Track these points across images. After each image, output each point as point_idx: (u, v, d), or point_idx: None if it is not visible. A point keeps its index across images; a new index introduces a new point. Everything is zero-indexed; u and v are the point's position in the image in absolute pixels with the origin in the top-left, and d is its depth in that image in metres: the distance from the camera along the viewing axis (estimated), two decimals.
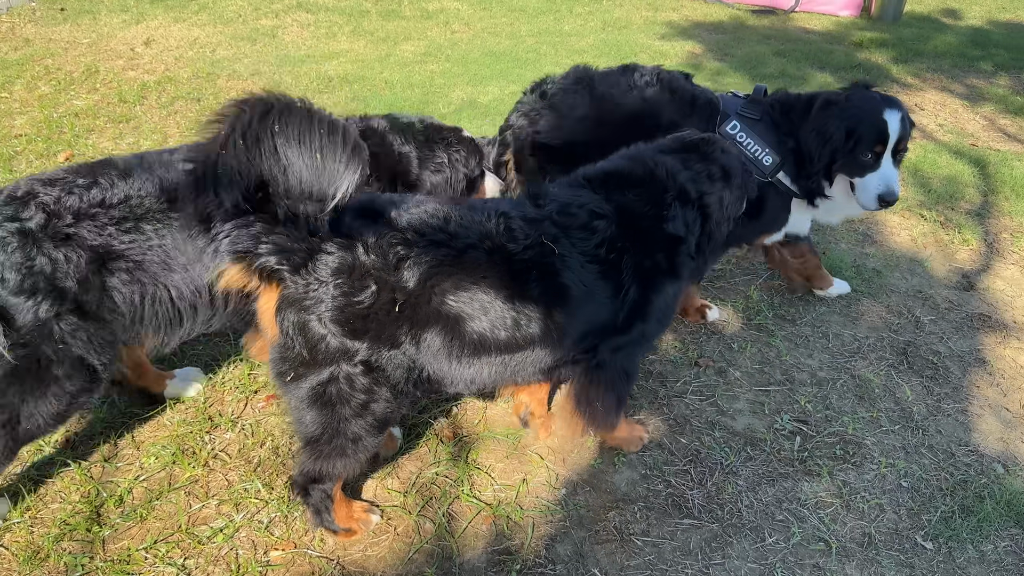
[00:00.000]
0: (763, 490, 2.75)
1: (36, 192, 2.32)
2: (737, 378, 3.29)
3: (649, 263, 2.42)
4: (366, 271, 2.05)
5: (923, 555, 2.54)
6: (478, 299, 2.15)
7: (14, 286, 2.21)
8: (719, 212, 2.60)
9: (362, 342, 2.09)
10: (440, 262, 2.11)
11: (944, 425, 3.10)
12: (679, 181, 2.51)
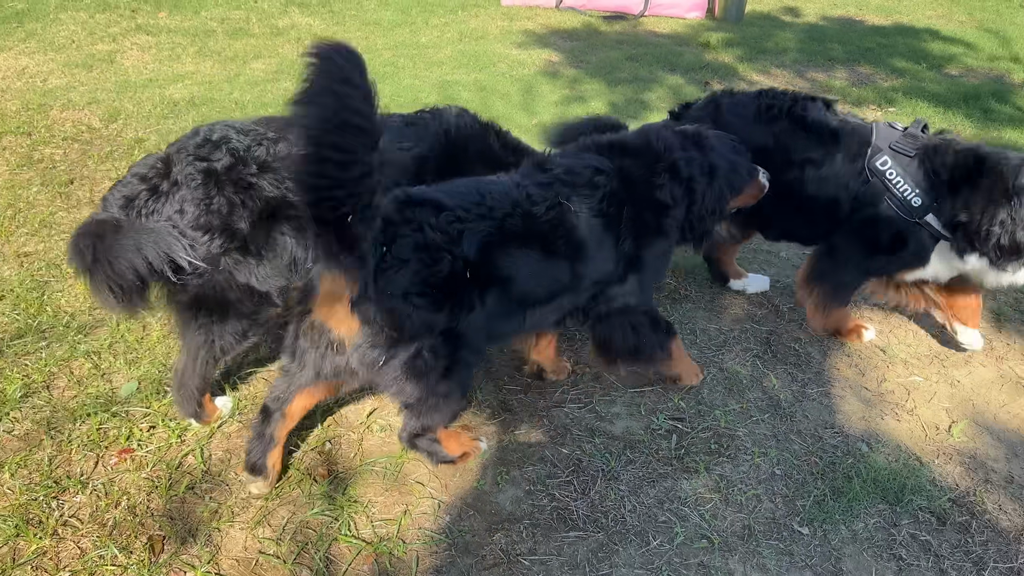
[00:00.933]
0: (645, 492, 2.76)
1: (229, 138, 2.62)
2: (613, 382, 3.31)
3: (641, 220, 2.78)
4: (438, 246, 2.32)
5: (800, 541, 2.61)
6: (521, 259, 2.52)
7: (191, 219, 2.51)
8: (702, 202, 2.90)
9: (443, 311, 2.36)
10: (489, 231, 2.43)
11: (810, 410, 3.21)
12: (674, 157, 2.84)
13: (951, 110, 6.69)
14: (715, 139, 2.98)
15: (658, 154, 2.83)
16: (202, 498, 2.66)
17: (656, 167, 2.81)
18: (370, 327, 2.29)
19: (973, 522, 2.71)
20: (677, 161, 2.83)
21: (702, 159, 2.89)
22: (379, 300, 2.24)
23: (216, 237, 2.54)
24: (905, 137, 3.21)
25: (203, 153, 2.57)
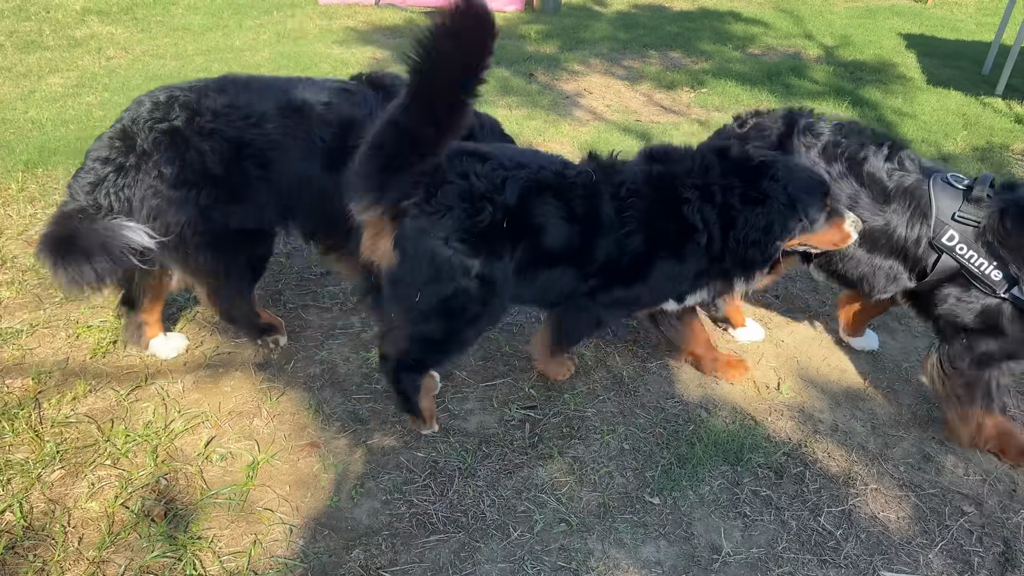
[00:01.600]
0: (503, 485, 2.77)
1: (176, 96, 2.81)
2: (464, 378, 3.29)
3: (657, 227, 2.73)
4: (482, 194, 2.48)
5: (653, 511, 2.70)
6: (550, 211, 2.60)
7: (172, 179, 2.73)
8: (741, 232, 2.72)
9: (479, 257, 2.51)
10: (527, 179, 2.57)
11: (651, 383, 3.33)
12: (709, 179, 2.73)
13: (756, 87, 7.15)
14: (783, 169, 2.74)
15: (691, 172, 2.74)
16: (25, 557, 2.41)
17: (686, 182, 2.73)
18: (408, 265, 2.51)
19: (807, 472, 2.91)
20: (711, 184, 2.71)
21: (749, 187, 2.70)
22: (418, 241, 2.47)
23: (201, 188, 2.78)
24: (972, 204, 2.81)
25: (159, 115, 2.75)
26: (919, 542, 2.65)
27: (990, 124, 6.55)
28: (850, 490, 2.82)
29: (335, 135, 3.05)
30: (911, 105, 6.86)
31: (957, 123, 6.50)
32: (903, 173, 2.94)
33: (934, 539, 2.66)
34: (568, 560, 2.51)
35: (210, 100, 2.84)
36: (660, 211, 2.72)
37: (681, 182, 2.73)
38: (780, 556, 2.56)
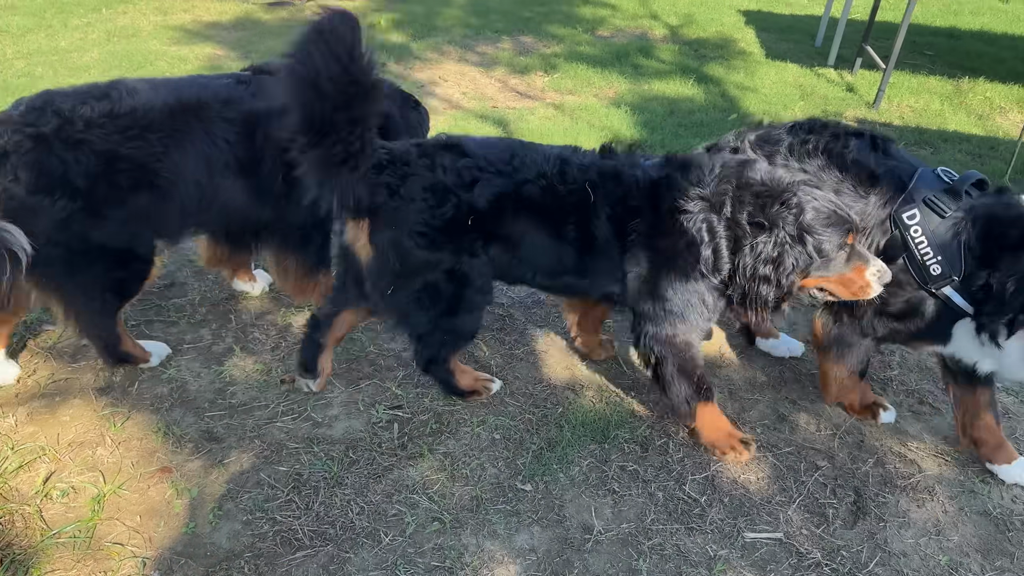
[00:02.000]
0: (372, 490, 2.69)
1: (54, 100, 2.68)
2: (328, 382, 3.18)
3: (653, 238, 2.61)
4: (446, 188, 2.51)
5: (525, 498, 2.70)
6: (529, 225, 2.62)
7: (27, 185, 2.59)
8: (749, 259, 2.51)
9: (445, 251, 2.57)
10: (503, 188, 2.55)
11: (519, 370, 3.33)
12: (720, 194, 2.53)
13: (607, 69, 7.28)
14: (805, 198, 2.46)
15: (700, 180, 2.57)
16: None
17: (690, 192, 2.56)
18: (381, 257, 2.59)
19: (670, 443, 2.98)
20: (725, 196, 2.51)
21: (758, 210, 2.47)
22: (386, 234, 2.56)
23: (58, 199, 2.63)
24: (947, 193, 2.67)
25: (31, 119, 2.63)
26: (778, 500, 2.76)
27: (824, 94, 6.94)
28: (712, 457, 2.91)
29: (239, 134, 2.94)
30: (752, 79, 7.17)
31: (795, 94, 6.85)
32: (893, 162, 2.83)
33: (792, 496, 2.78)
34: (443, 559, 2.46)
35: (87, 108, 2.69)
36: (663, 229, 2.59)
37: (689, 184, 2.58)
38: (649, 528, 2.61)
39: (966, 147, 5.97)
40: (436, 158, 2.58)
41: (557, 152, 2.69)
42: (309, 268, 3.43)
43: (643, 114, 6.20)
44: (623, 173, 2.64)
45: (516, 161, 2.62)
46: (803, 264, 2.47)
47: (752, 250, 2.47)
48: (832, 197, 2.55)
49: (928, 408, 3.27)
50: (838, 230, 2.46)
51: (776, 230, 2.44)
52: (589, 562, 2.49)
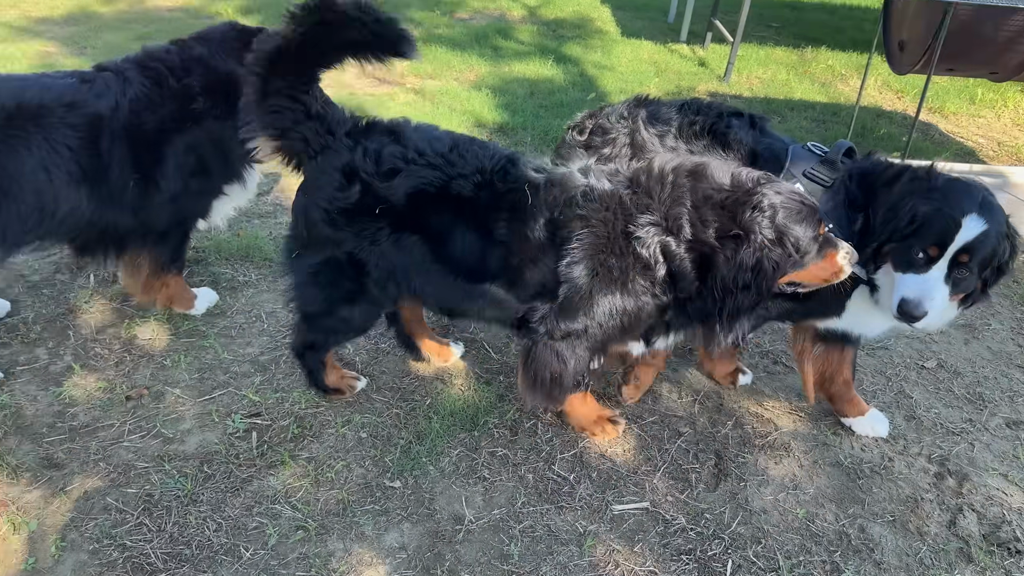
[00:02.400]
0: (230, 504, 2.56)
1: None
2: (178, 396, 3.01)
3: (604, 259, 2.36)
4: (356, 172, 2.44)
5: (394, 496, 2.64)
6: (453, 224, 2.45)
7: None
8: (727, 274, 2.29)
9: (347, 234, 2.50)
10: (430, 183, 2.43)
11: (386, 364, 3.25)
12: (675, 217, 2.30)
13: (466, 52, 7.22)
14: (774, 197, 2.30)
15: (651, 204, 2.34)
16: None
17: (641, 219, 2.33)
18: (294, 216, 2.62)
19: (538, 424, 2.98)
20: (681, 219, 2.30)
21: (729, 221, 2.28)
22: (301, 197, 2.57)
23: None
24: (823, 164, 2.73)
25: None
26: (644, 470, 2.81)
27: (678, 69, 7.12)
28: (579, 434, 2.93)
29: (83, 139, 2.78)
30: (609, 58, 7.28)
31: (650, 71, 7.01)
32: (769, 140, 2.91)
33: (657, 464, 2.84)
34: (308, 568, 2.38)
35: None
36: (607, 243, 2.37)
37: (637, 211, 2.35)
38: (520, 512, 2.61)
39: (811, 114, 6.27)
40: (364, 140, 2.49)
41: (508, 153, 2.56)
42: (161, 266, 3.26)
43: (504, 96, 6.19)
44: (568, 180, 2.44)
45: (454, 155, 2.48)
46: (784, 265, 2.33)
47: (728, 262, 2.28)
48: (793, 187, 2.42)
49: (782, 367, 3.41)
50: (810, 222, 2.33)
51: (752, 236, 2.26)
52: (461, 553, 2.46)
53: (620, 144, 3.01)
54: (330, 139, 2.48)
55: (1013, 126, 6.49)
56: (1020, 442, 3.08)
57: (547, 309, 2.48)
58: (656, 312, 2.46)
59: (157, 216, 3.09)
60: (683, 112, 3.00)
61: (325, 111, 2.50)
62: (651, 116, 3.01)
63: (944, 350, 3.60)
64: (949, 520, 2.70)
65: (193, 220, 3.28)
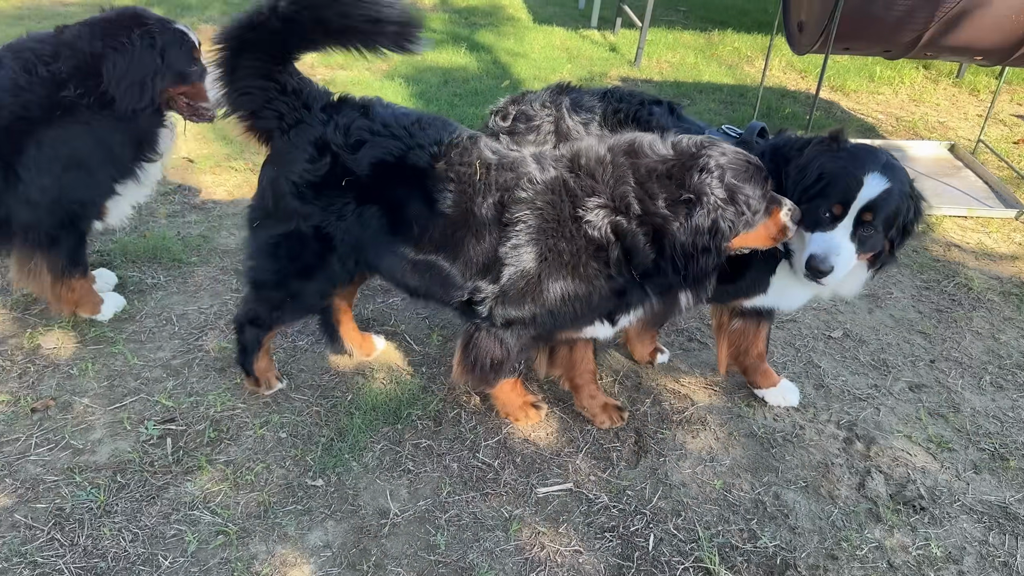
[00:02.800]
0: (146, 514, 2.49)
1: None
2: (87, 406, 2.90)
3: (553, 244, 2.39)
4: (327, 145, 2.45)
5: (316, 494, 2.61)
6: (409, 194, 2.46)
7: None
8: (685, 239, 2.30)
9: (314, 207, 2.50)
10: (390, 152, 2.45)
11: (304, 361, 3.21)
12: (622, 196, 2.33)
13: None
14: (720, 157, 2.31)
15: (595, 187, 2.36)
16: None
17: (588, 202, 2.35)
18: (260, 188, 2.62)
19: (462, 413, 2.99)
20: (628, 196, 2.31)
21: (675, 187, 2.30)
22: (268, 169, 2.59)
23: None
24: (739, 145, 2.66)
25: None
26: (567, 451, 2.85)
27: (590, 55, 7.19)
28: (503, 420, 2.95)
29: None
30: (522, 45, 7.30)
31: (563, 57, 7.05)
32: (687, 125, 2.96)
33: (579, 446, 2.88)
34: (231, 572, 2.33)
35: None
36: (556, 227, 2.39)
37: (583, 194, 2.37)
38: (446, 502, 2.61)
39: (719, 96, 6.42)
40: (336, 114, 2.50)
41: (471, 132, 2.58)
42: (61, 269, 3.11)
43: (418, 85, 6.14)
44: (521, 163, 2.47)
45: (416, 127, 2.51)
46: (737, 224, 2.34)
47: (684, 227, 2.29)
48: (735, 148, 2.42)
49: (696, 344, 3.50)
50: (758, 180, 2.36)
51: (704, 198, 2.27)
52: (387, 547, 2.45)
53: (545, 131, 3.04)
54: (305, 113, 2.49)
55: (910, 101, 6.79)
56: (922, 404, 3.24)
57: (491, 291, 2.49)
58: (611, 294, 2.46)
59: (29, 212, 2.93)
60: (606, 100, 3.06)
61: (301, 86, 2.52)
62: (574, 104, 3.05)
63: (849, 320, 3.76)
64: (858, 483, 2.83)
65: (84, 220, 3.11)
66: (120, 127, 2.92)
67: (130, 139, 3.00)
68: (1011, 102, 6.93)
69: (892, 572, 2.50)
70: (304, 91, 2.52)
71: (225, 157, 4.83)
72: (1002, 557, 2.58)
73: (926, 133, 6.08)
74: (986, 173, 5.27)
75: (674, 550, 2.51)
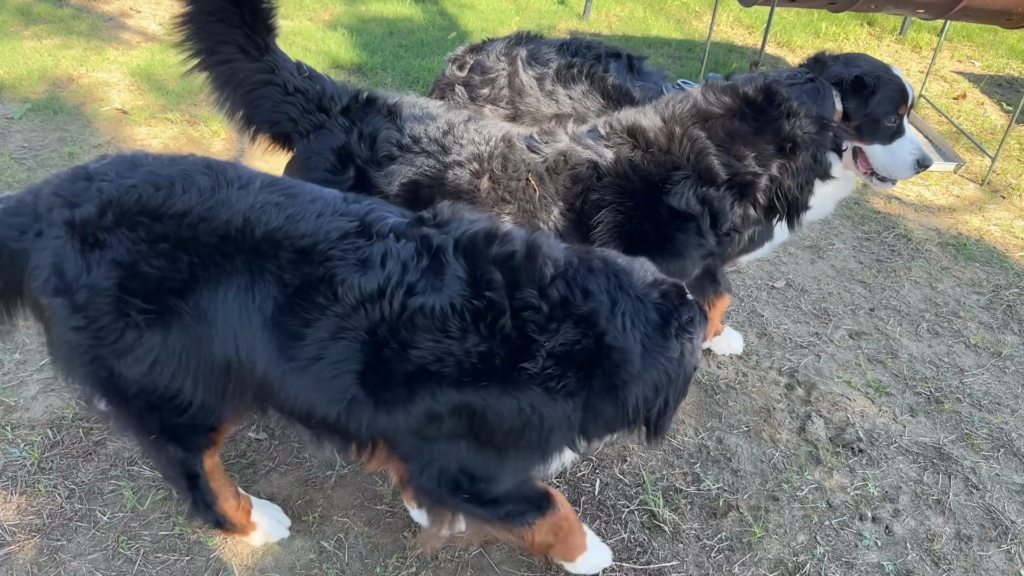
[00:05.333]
0: (83, 470, 2.43)
1: None
2: (19, 362, 2.80)
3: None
4: (351, 157, 2.31)
5: (260, 448, 2.58)
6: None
7: None
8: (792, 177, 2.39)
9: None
10: (424, 172, 2.28)
11: None
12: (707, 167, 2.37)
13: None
14: (793, 92, 2.37)
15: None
16: None
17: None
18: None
19: None
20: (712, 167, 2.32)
21: (774, 137, 2.35)
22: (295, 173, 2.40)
23: None
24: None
25: None
26: None
27: (539, 7, 7.08)
28: None
29: None
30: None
31: (511, 10, 6.93)
32: (645, 82, 2.92)
33: None
34: (172, 526, 2.29)
35: None
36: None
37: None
38: None
39: (667, 51, 6.39)
40: (360, 119, 2.36)
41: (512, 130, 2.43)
42: None
43: (362, 36, 5.98)
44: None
45: (448, 138, 2.35)
46: (828, 146, 2.45)
47: (787, 170, 2.37)
48: (794, 71, 2.50)
49: None
50: (828, 96, 2.46)
51: (799, 139, 2.35)
52: (333, 498, 2.43)
53: (499, 86, 2.97)
54: (323, 118, 2.37)
55: None
56: (862, 351, 3.31)
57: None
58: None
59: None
60: (562, 53, 2.98)
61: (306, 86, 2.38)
62: (531, 56, 2.98)
63: (792, 270, 3.81)
64: (799, 427, 2.89)
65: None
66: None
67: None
68: (952, 59, 7.05)
69: (831, 511, 2.57)
70: (310, 90, 2.42)
71: (161, 108, 4.66)
72: (935, 495, 2.67)
73: None
74: (926, 128, 5.37)
75: (619, 494, 2.54)
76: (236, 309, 1.66)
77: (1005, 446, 2.91)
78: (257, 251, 1.67)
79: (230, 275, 1.66)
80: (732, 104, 2.38)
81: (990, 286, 3.84)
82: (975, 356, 3.35)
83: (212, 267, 1.66)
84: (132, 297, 1.66)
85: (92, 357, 1.74)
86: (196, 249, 1.66)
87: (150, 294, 1.66)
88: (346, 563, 2.25)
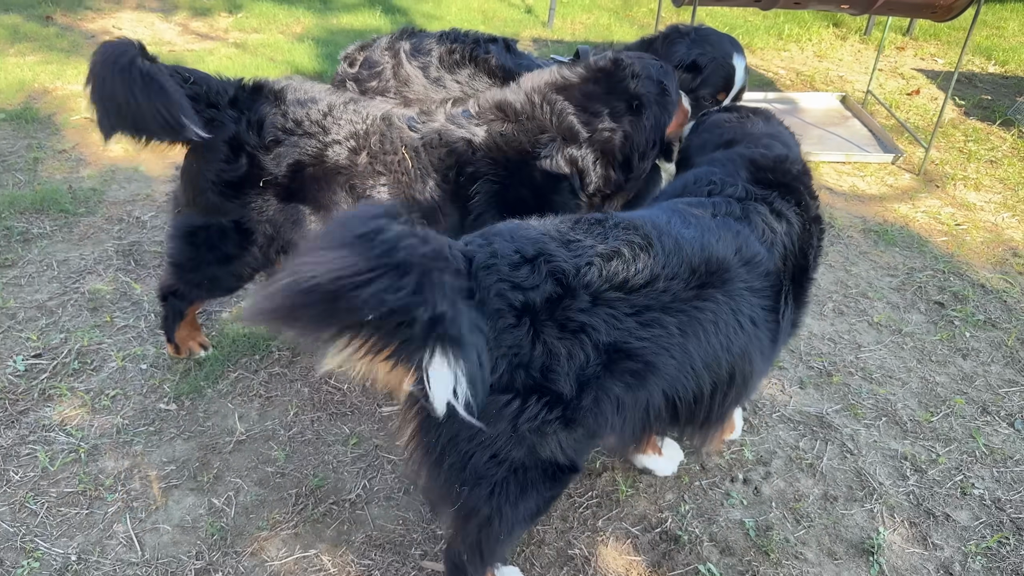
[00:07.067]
0: (3, 436, 2.65)
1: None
2: None
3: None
4: (241, 146, 2.46)
5: (168, 417, 2.78)
6: (333, 192, 2.48)
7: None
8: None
9: (233, 204, 2.52)
10: (306, 152, 2.46)
11: None
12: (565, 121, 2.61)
13: (293, 6, 7.20)
14: (638, 62, 2.68)
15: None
16: None
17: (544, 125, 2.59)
18: (181, 179, 2.63)
19: None
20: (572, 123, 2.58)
21: (617, 98, 2.63)
22: (194, 161, 2.54)
23: None
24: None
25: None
26: None
27: (505, 16, 7.31)
28: None
29: None
30: (438, 7, 7.40)
31: (477, 19, 7.17)
32: (523, 60, 3.18)
33: None
34: (77, 484, 2.50)
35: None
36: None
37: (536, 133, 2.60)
38: (291, 422, 2.80)
39: None
40: (248, 108, 2.49)
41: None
42: None
43: (328, 47, 6.23)
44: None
45: (328, 120, 2.51)
46: (671, 111, 2.74)
47: (637, 127, 2.64)
48: (635, 53, 2.81)
49: None
50: (670, 73, 2.74)
51: (645, 98, 2.63)
52: (229, 461, 2.63)
53: (386, 78, 3.17)
54: (215, 111, 2.46)
55: (815, 57, 7.00)
56: None
57: None
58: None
59: None
60: (442, 41, 3.17)
61: (193, 92, 2.43)
62: (414, 48, 3.17)
63: None
64: None
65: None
66: None
67: None
68: (915, 56, 7.17)
69: (702, 473, 2.72)
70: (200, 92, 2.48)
71: None
72: (809, 460, 2.81)
73: (823, 86, 6.29)
74: (871, 122, 5.50)
75: None
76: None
77: (888, 415, 3.03)
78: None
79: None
80: (586, 74, 2.65)
81: (905, 269, 3.96)
82: (876, 333, 3.48)
83: None
84: None
85: None
86: None
87: None
88: (232, 517, 2.44)
